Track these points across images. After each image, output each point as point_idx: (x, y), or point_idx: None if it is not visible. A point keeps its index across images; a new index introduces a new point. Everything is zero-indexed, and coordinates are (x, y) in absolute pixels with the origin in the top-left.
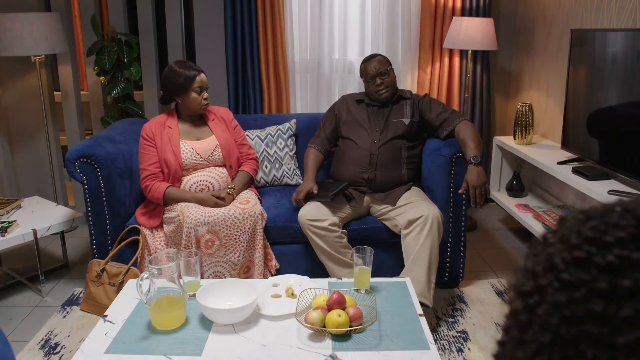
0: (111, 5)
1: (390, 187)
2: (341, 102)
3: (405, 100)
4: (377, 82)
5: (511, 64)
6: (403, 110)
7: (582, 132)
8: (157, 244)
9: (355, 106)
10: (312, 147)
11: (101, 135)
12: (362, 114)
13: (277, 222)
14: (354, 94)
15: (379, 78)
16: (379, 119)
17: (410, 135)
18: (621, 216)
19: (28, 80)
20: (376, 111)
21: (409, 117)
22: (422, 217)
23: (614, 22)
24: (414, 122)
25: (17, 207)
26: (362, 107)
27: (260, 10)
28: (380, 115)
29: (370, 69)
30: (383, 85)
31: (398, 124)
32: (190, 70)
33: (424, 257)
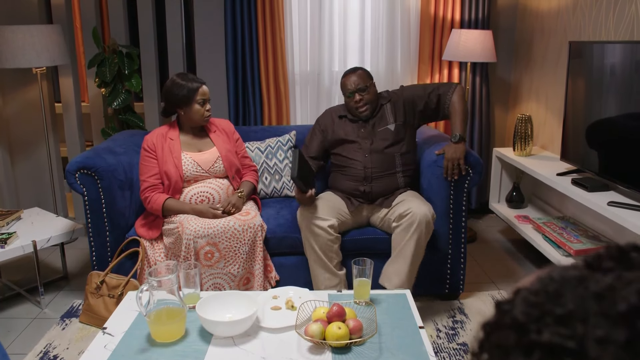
0: (112, 17)
1: (387, 188)
2: (326, 117)
3: (384, 105)
4: (356, 99)
5: (510, 76)
6: (385, 116)
7: (582, 143)
8: (156, 256)
9: (339, 121)
10: None
11: (101, 146)
12: (347, 129)
13: (277, 233)
14: (337, 108)
15: (358, 94)
16: (365, 131)
17: (401, 140)
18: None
19: (29, 92)
20: (360, 124)
21: (392, 122)
22: (411, 213)
23: (611, 34)
24: (399, 126)
25: (17, 219)
26: (346, 122)
27: (261, 22)
28: (365, 127)
29: (350, 84)
30: (362, 102)
31: (384, 132)
32: (193, 82)
33: (408, 253)
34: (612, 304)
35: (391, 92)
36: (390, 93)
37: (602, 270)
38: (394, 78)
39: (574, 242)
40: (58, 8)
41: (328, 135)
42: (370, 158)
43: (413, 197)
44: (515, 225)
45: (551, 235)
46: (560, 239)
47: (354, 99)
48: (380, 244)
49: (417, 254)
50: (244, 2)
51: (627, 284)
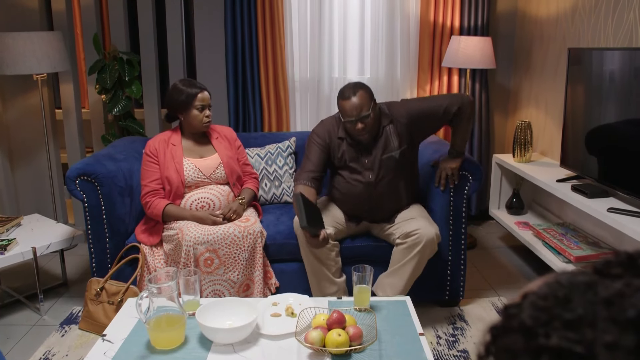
0: (113, 24)
1: (391, 212)
2: (324, 133)
3: (386, 127)
4: (358, 127)
5: (510, 82)
6: (389, 141)
7: (581, 149)
8: (156, 262)
9: (338, 142)
10: (302, 183)
11: (102, 153)
12: (350, 154)
13: (276, 239)
14: (333, 126)
15: (360, 122)
16: (369, 161)
17: (406, 164)
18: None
19: (30, 98)
20: (362, 150)
21: (397, 148)
22: (417, 235)
23: (610, 41)
24: (405, 150)
25: (17, 225)
26: (347, 146)
27: (261, 29)
28: (368, 157)
29: (350, 109)
30: (364, 131)
31: (389, 160)
32: (193, 87)
33: (407, 271)
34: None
35: (392, 109)
36: (392, 110)
37: (610, 277)
38: (394, 85)
39: (574, 248)
40: (59, 15)
41: (330, 155)
42: (375, 189)
43: (419, 216)
44: (515, 231)
45: (551, 242)
46: (560, 246)
47: (356, 126)
48: (379, 250)
49: (415, 273)
50: (244, 9)
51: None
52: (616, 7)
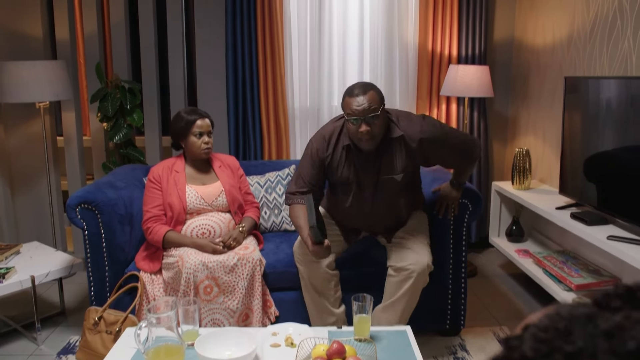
0: (115, 53)
1: (390, 226)
2: (322, 146)
3: (394, 142)
4: (362, 129)
5: (508, 110)
6: (393, 160)
7: (580, 177)
8: (155, 291)
9: (340, 154)
10: (299, 202)
11: (102, 181)
12: (349, 171)
13: (276, 267)
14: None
15: (365, 124)
16: (367, 181)
17: (407, 184)
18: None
19: (32, 126)
20: (365, 163)
21: (400, 171)
22: (409, 270)
23: (605, 69)
24: (408, 173)
25: (16, 253)
26: (350, 159)
27: (261, 58)
28: (368, 175)
29: (356, 105)
30: (368, 135)
31: (390, 181)
32: (193, 115)
33: (401, 306)
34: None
35: (404, 124)
36: (403, 124)
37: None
38: None
39: (575, 276)
40: (63, 44)
41: (327, 171)
42: (372, 206)
43: (414, 241)
44: (515, 259)
45: (552, 270)
46: (561, 274)
47: (359, 127)
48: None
49: (409, 305)
50: (245, 38)
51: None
52: (610, 37)
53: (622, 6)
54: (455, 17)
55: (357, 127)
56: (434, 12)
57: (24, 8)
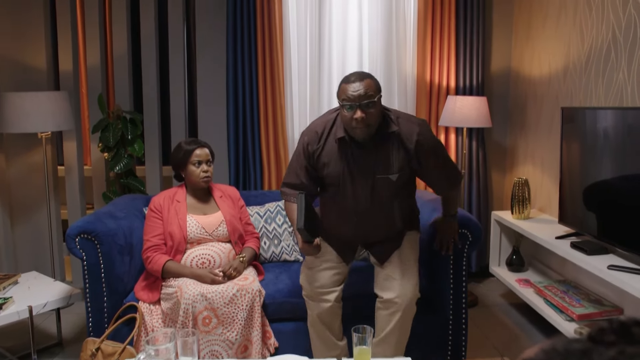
0: (118, 84)
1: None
2: (312, 139)
3: (391, 138)
4: (356, 115)
5: (506, 140)
6: (390, 158)
7: (579, 206)
8: (154, 322)
9: (332, 147)
10: (292, 201)
11: (102, 211)
12: (341, 164)
13: (276, 298)
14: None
15: (360, 110)
16: (363, 173)
17: (401, 188)
18: None
19: (33, 156)
20: (359, 158)
21: (396, 171)
22: (397, 303)
23: (602, 99)
24: (404, 174)
25: (14, 283)
26: (343, 152)
27: (262, 89)
28: (364, 167)
29: (352, 91)
30: (363, 123)
31: (384, 181)
32: (192, 144)
33: (393, 340)
34: None
35: (402, 123)
36: (401, 123)
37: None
38: None
39: (576, 306)
40: (66, 75)
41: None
42: (365, 210)
43: (403, 269)
44: (516, 289)
45: (553, 300)
46: (562, 303)
47: (354, 114)
48: None
49: (402, 338)
50: (246, 70)
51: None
52: (605, 68)
53: (615, 38)
54: (453, 48)
55: (351, 114)
56: (431, 44)
57: (28, 39)
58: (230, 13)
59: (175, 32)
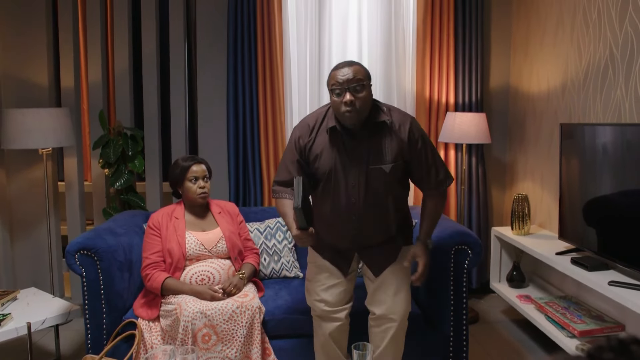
0: (119, 101)
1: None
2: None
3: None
4: (346, 99)
5: (505, 156)
6: (382, 149)
7: (579, 222)
8: (153, 339)
9: (323, 138)
10: (285, 197)
11: (102, 227)
12: (333, 155)
13: (275, 314)
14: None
15: (349, 93)
16: (356, 165)
17: (395, 182)
18: None
19: (34, 172)
20: (351, 148)
21: (390, 161)
22: (389, 319)
23: (600, 116)
24: (397, 166)
25: (13, 299)
26: (334, 143)
27: (262, 105)
28: (357, 158)
29: (341, 76)
30: (352, 107)
31: (377, 172)
32: (188, 161)
33: (389, 356)
34: None
35: (394, 114)
36: (393, 114)
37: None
38: None
39: (578, 322)
40: (67, 91)
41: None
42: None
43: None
44: (517, 305)
45: (554, 316)
46: (563, 320)
47: (343, 98)
48: None
49: (397, 353)
50: (246, 86)
51: None
52: (603, 85)
53: (613, 55)
54: (452, 65)
55: (340, 99)
56: (430, 61)
57: (31, 56)
58: (230, 31)
59: (176, 48)
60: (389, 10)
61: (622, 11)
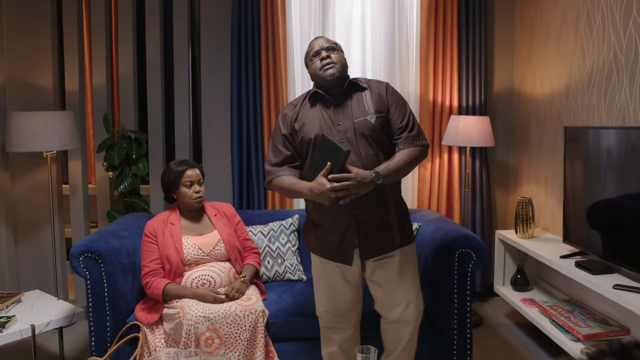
0: (123, 104)
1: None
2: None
3: (362, 91)
4: (322, 55)
5: (509, 159)
6: (364, 103)
7: (583, 225)
8: (156, 342)
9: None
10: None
11: (106, 230)
12: (318, 119)
13: (279, 317)
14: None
15: (324, 52)
16: (342, 121)
17: (384, 137)
18: None
19: (38, 174)
20: (335, 107)
21: (373, 112)
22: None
23: (604, 119)
24: (382, 119)
25: (17, 302)
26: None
27: (265, 108)
28: (342, 115)
29: (316, 44)
30: (329, 60)
31: (364, 125)
32: (181, 166)
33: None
34: None
35: (371, 81)
36: (370, 82)
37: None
38: None
39: (582, 326)
40: (72, 94)
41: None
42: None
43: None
44: (521, 308)
45: (558, 319)
46: (568, 323)
47: (321, 59)
48: None
49: (412, 353)
50: (250, 89)
51: None
52: (607, 88)
53: (617, 59)
54: (456, 68)
55: (319, 59)
56: (434, 64)
57: (35, 60)
58: (234, 35)
59: (180, 52)
60: (392, 13)
61: (626, 14)
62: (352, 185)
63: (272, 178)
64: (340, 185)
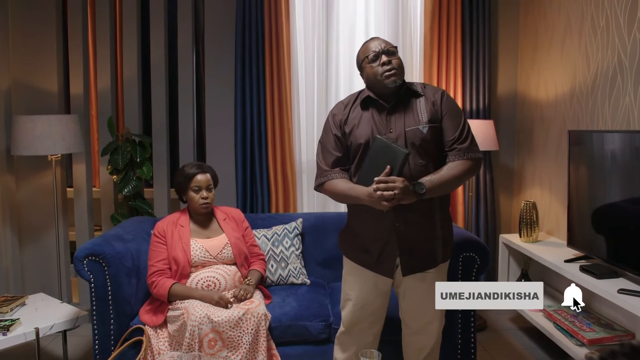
0: (127, 107)
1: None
2: (338, 111)
3: (417, 98)
4: (383, 60)
5: (513, 163)
6: (417, 111)
7: (588, 229)
8: (160, 344)
9: (359, 112)
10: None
11: (110, 233)
12: (370, 125)
13: (282, 321)
14: (350, 99)
15: (385, 56)
16: (393, 129)
17: (434, 148)
18: None
19: (42, 178)
20: (387, 114)
21: (425, 121)
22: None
23: (608, 122)
24: (434, 129)
25: (21, 305)
26: (369, 114)
27: (269, 112)
28: (393, 123)
29: (374, 46)
30: (391, 66)
31: (414, 133)
32: (192, 169)
33: None
34: None
35: (427, 87)
36: (427, 88)
37: None
38: None
39: (587, 330)
40: (77, 98)
41: (345, 134)
42: None
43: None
44: (525, 313)
45: (563, 324)
46: (572, 328)
47: (380, 60)
48: None
49: None
50: (254, 93)
51: None
52: (612, 92)
53: (621, 62)
54: (459, 72)
55: (378, 62)
56: (438, 68)
57: (40, 64)
58: (238, 37)
59: (184, 55)
60: (396, 17)
61: (631, 18)
62: (398, 187)
63: (325, 180)
64: (387, 186)
